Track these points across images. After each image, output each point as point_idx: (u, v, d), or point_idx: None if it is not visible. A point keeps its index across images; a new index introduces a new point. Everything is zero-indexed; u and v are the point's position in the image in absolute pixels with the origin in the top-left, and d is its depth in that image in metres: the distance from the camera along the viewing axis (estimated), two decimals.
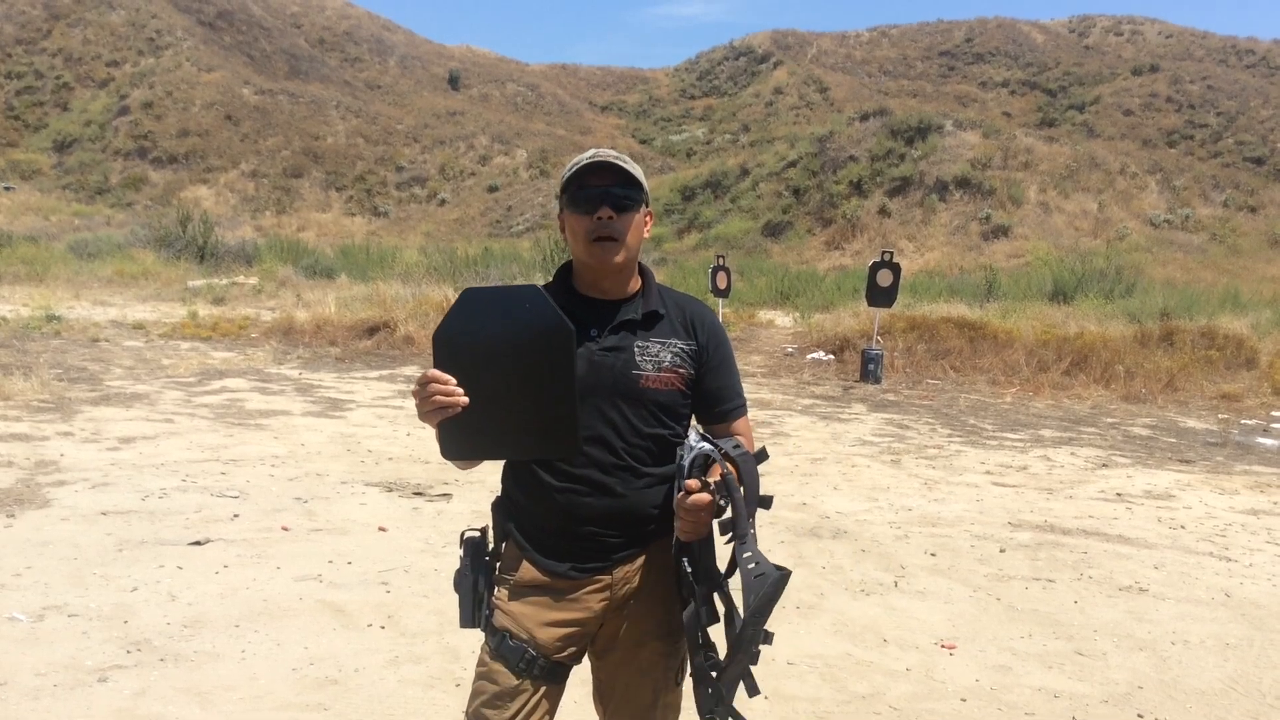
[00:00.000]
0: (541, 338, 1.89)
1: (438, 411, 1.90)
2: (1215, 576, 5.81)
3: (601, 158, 2.14)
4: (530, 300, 1.89)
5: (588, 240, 2.15)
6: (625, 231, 2.15)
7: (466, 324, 1.91)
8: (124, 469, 7.22)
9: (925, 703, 3.99)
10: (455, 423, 1.90)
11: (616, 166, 2.13)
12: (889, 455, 9.12)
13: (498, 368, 1.90)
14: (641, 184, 2.18)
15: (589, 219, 2.13)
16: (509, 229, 47.93)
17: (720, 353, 2.28)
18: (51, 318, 15.58)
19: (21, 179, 48.28)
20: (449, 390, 1.89)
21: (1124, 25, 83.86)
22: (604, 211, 2.12)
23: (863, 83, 76.73)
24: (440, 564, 5.36)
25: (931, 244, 36.66)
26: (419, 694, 3.87)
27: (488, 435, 1.93)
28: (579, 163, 2.16)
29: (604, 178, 2.13)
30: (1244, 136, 58.37)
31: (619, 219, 2.14)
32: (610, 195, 2.13)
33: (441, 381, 1.89)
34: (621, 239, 2.15)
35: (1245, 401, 12.75)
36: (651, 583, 2.22)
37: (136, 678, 3.89)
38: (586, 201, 2.13)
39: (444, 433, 1.93)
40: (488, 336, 1.90)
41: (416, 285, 17.93)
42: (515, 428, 1.93)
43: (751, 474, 1.99)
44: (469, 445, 1.96)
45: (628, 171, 2.14)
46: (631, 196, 2.15)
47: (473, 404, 1.89)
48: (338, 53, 75.75)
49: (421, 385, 1.91)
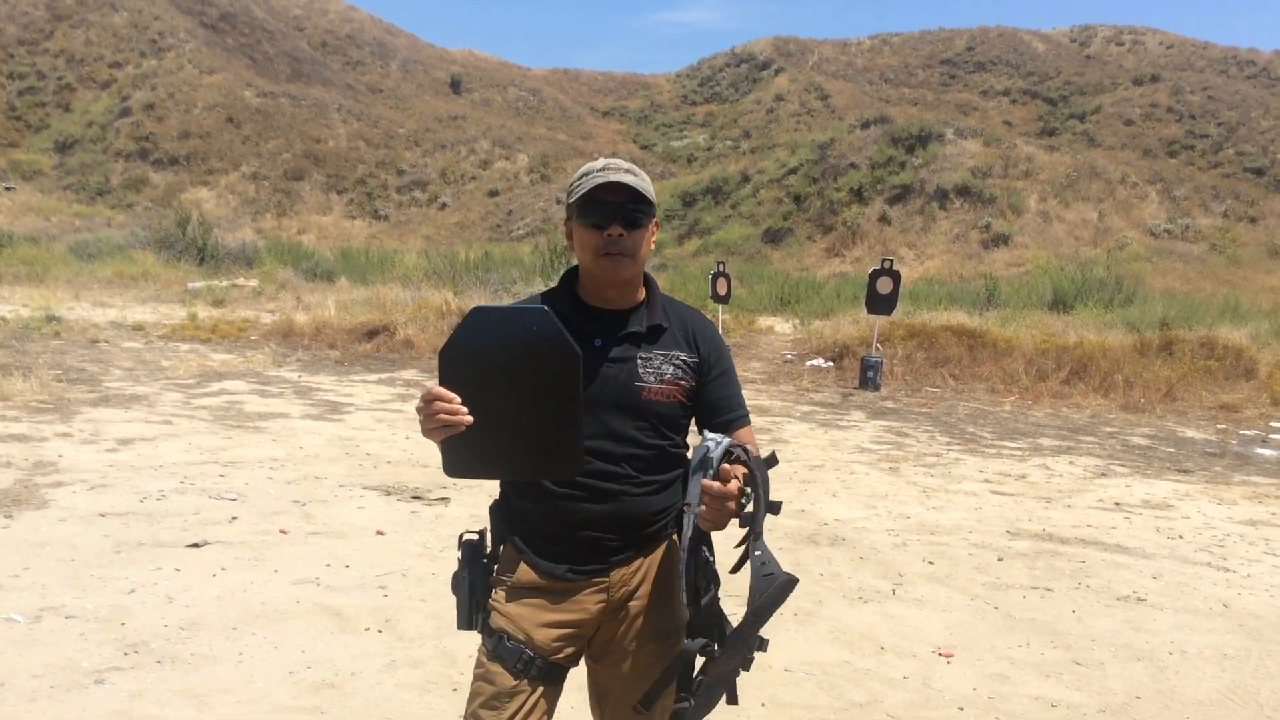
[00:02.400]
0: (549, 361, 1.88)
1: (442, 429, 1.89)
2: (1213, 587, 5.80)
3: (614, 173, 2.13)
4: (539, 323, 1.88)
5: (598, 254, 2.14)
6: (636, 247, 2.15)
7: (474, 342, 1.90)
8: (122, 470, 7.21)
9: (922, 711, 3.99)
10: (459, 441, 1.90)
11: (628, 185, 2.12)
12: (888, 463, 9.11)
13: (503, 387, 1.89)
14: (651, 199, 2.18)
15: (599, 234, 2.13)
16: (509, 233, 47.94)
17: (721, 365, 2.28)
18: (51, 318, 15.58)
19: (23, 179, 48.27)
20: (454, 409, 1.87)
21: (1125, 35, 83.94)
22: (615, 229, 2.12)
23: (864, 90, 76.81)
24: (438, 568, 5.36)
25: (931, 252, 36.68)
26: (416, 698, 3.87)
27: (491, 455, 1.93)
28: (590, 173, 2.15)
29: (616, 194, 2.12)
30: (1244, 147, 58.39)
31: (630, 235, 2.13)
32: (623, 212, 2.13)
33: (447, 400, 1.88)
34: (632, 254, 2.15)
35: (1244, 412, 12.75)
36: (649, 586, 2.23)
37: (133, 680, 3.89)
38: (598, 216, 2.13)
39: (447, 450, 1.92)
40: (495, 356, 1.89)
41: (416, 289, 17.93)
42: (519, 448, 1.93)
43: (763, 477, 2.01)
44: (472, 464, 1.96)
45: (639, 189, 2.13)
46: (643, 212, 2.15)
47: (477, 423, 1.88)
48: (340, 56, 75.85)
49: (426, 403, 1.90)
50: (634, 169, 2.16)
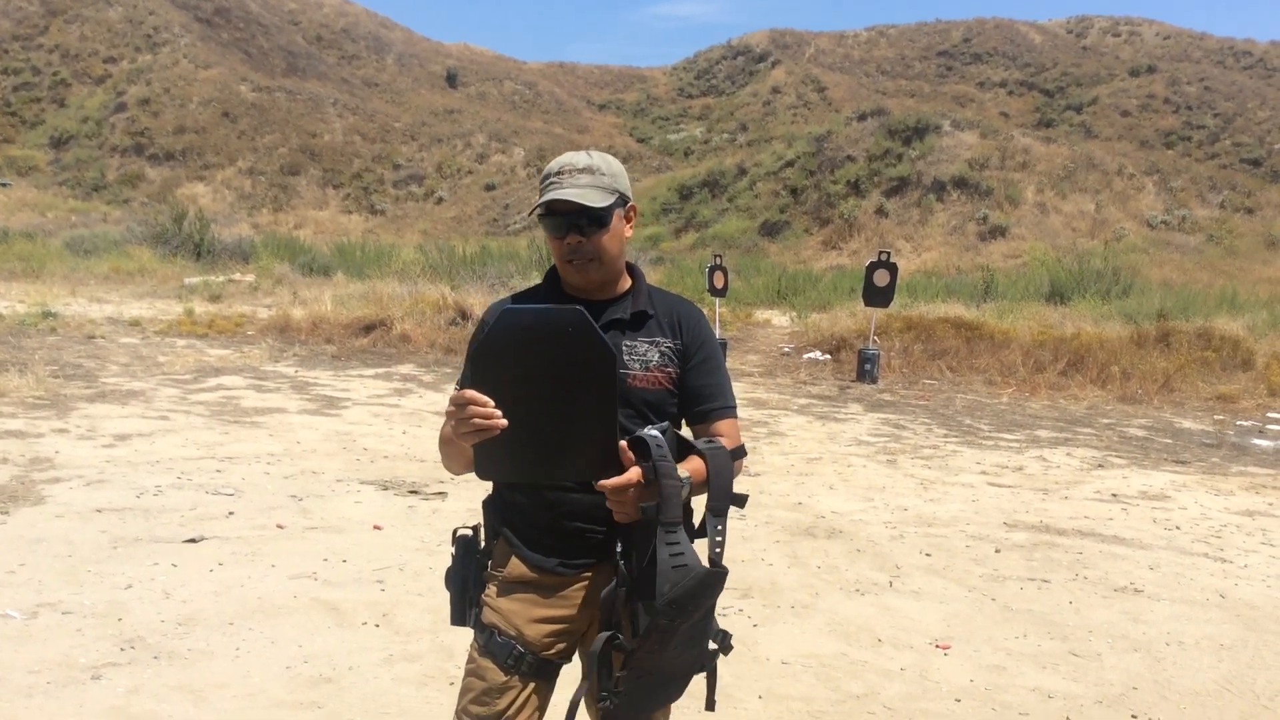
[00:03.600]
0: (584, 361, 1.85)
1: (476, 433, 1.87)
2: (1210, 578, 5.81)
3: (565, 182, 2.12)
4: (573, 323, 1.85)
5: (562, 260, 2.18)
6: (599, 250, 2.15)
7: (505, 343, 1.87)
8: (119, 466, 7.20)
9: (920, 703, 3.99)
10: (493, 444, 1.88)
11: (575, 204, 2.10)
12: (885, 455, 9.12)
13: (537, 389, 1.86)
14: (613, 198, 2.15)
15: (560, 243, 2.15)
16: (506, 227, 47.91)
17: (703, 351, 2.26)
18: (47, 314, 15.55)
19: (18, 175, 48.17)
20: (488, 412, 1.85)
21: (1122, 26, 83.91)
22: (571, 239, 2.13)
23: (860, 82, 76.71)
24: (435, 562, 5.35)
25: (929, 244, 36.69)
26: (413, 692, 3.87)
27: (525, 457, 1.90)
28: (548, 176, 2.15)
29: (568, 206, 2.11)
30: (1241, 138, 58.41)
31: (590, 239, 2.13)
32: (577, 223, 2.12)
33: (481, 403, 1.85)
34: (597, 257, 2.15)
35: (1241, 403, 12.76)
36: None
37: (130, 675, 3.88)
38: (554, 229, 2.15)
39: (481, 454, 1.90)
40: (528, 357, 1.86)
41: (413, 283, 17.89)
42: (553, 450, 1.90)
43: (722, 469, 1.99)
44: (506, 467, 1.95)
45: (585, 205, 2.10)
46: (599, 218, 2.13)
47: (511, 425, 1.86)
48: (335, 50, 75.65)
49: (460, 406, 1.86)
50: (591, 166, 2.14)
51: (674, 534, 1.92)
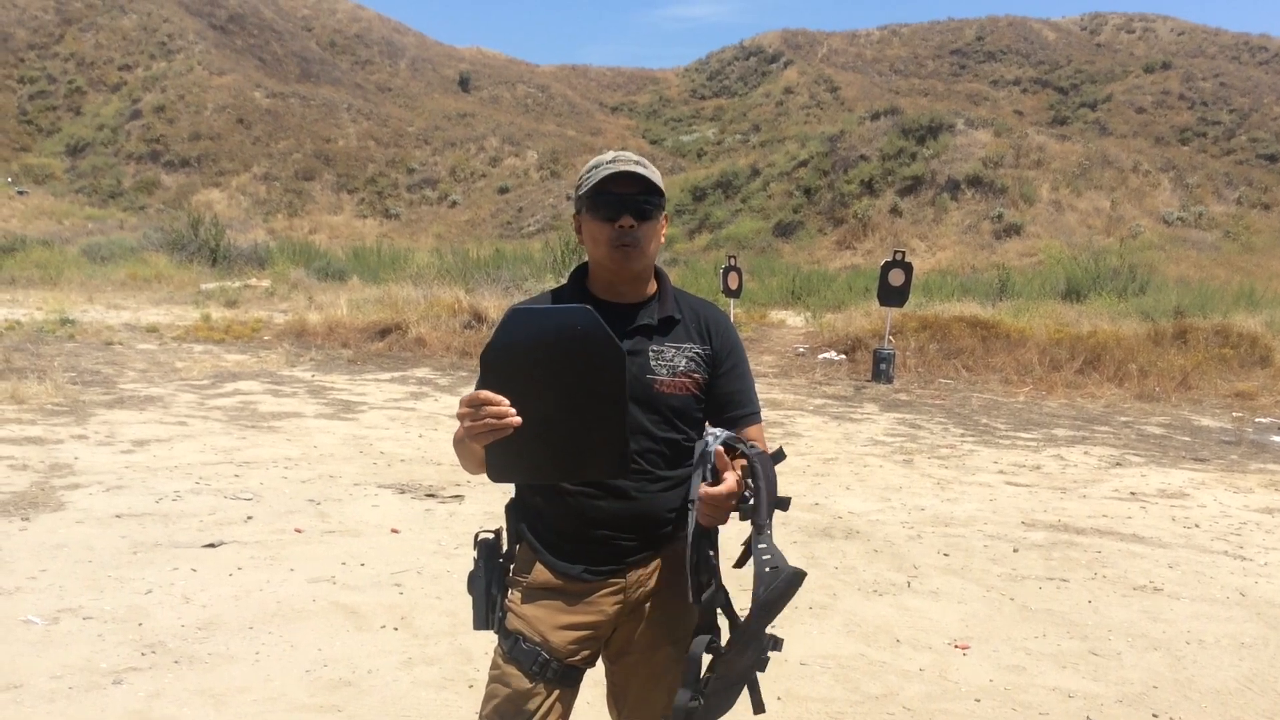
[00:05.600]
0: (593, 360, 1.84)
1: (489, 433, 1.84)
2: (1230, 575, 5.78)
3: (623, 165, 2.10)
4: (583, 321, 1.84)
5: (609, 246, 2.12)
6: (646, 239, 2.13)
7: (515, 343, 1.86)
8: (138, 472, 7.25)
9: (939, 703, 3.98)
10: (506, 444, 1.86)
11: (639, 175, 2.10)
12: (901, 455, 9.10)
13: (547, 389, 1.85)
14: (661, 190, 2.15)
15: (610, 226, 2.11)
16: (520, 230, 47.96)
17: (733, 358, 2.26)
18: (65, 321, 15.65)
19: (35, 183, 48.45)
20: (502, 411, 1.82)
21: (1136, 23, 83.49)
22: (626, 220, 2.10)
23: (873, 82, 76.55)
24: (453, 566, 5.37)
25: (943, 243, 36.56)
26: (432, 695, 3.88)
27: (538, 457, 1.89)
28: (599, 165, 2.13)
29: (626, 185, 2.10)
30: (1257, 133, 58.03)
31: (640, 227, 2.11)
32: (633, 203, 2.10)
33: (494, 403, 1.83)
34: (643, 246, 2.13)
35: (1260, 399, 12.68)
36: (666, 586, 2.21)
37: (151, 680, 3.90)
38: (608, 208, 2.10)
39: (493, 455, 1.89)
40: (537, 357, 1.85)
41: (428, 287, 17.93)
42: (565, 450, 1.89)
43: (769, 473, 1.99)
44: (519, 468, 1.93)
45: (650, 180, 2.11)
46: (653, 204, 2.13)
47: (523, 425, 1.85)
48: (349, 55, 75.96)
49: (474, 407, 1.84)
50: (643, 161, 2.14)
51: (762, 537, 1.93)
